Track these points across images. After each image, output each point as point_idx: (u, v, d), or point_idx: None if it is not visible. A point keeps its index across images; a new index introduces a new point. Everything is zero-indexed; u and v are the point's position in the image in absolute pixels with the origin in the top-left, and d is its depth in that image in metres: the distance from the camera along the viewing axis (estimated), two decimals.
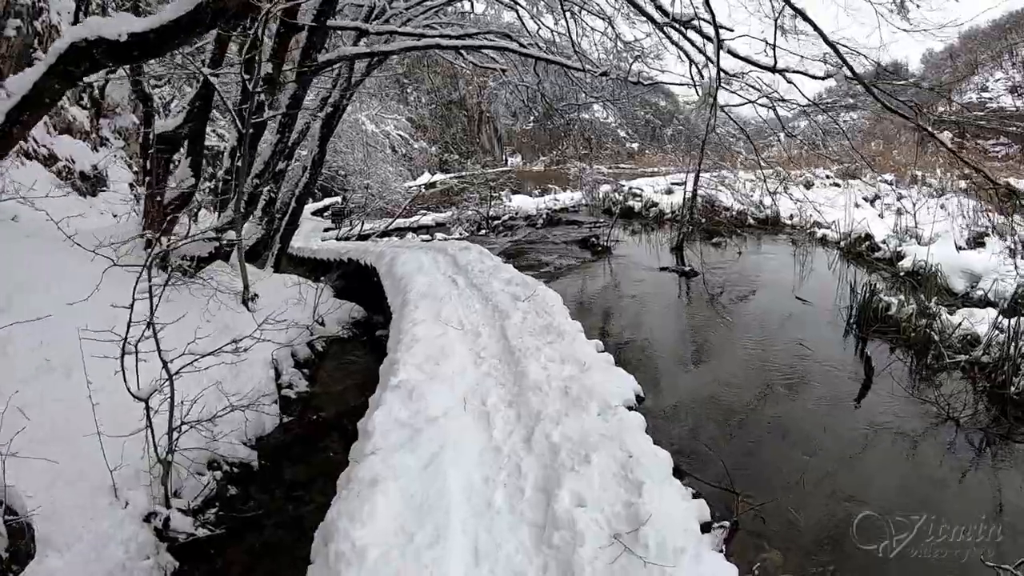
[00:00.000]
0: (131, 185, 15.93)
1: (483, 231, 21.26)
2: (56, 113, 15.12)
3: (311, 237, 21.80)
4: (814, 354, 7.47)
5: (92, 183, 15.20)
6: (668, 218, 17.30)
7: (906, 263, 11.07)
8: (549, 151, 77.38)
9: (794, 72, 7.22)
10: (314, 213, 30.38)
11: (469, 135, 63.07)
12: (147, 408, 4.67)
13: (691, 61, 8.62)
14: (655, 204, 17.98)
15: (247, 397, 6.75)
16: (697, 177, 13.19)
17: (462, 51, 10.92)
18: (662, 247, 13.78)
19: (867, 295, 8.45)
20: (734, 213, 16.00)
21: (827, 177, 24.18)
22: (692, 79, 8.65)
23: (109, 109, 16.99)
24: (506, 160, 67.83)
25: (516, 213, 21.24)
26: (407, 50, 9.19)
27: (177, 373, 4.83)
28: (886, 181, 20.86)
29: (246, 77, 6.95)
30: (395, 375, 4.67)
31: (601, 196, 20.56)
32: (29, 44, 14.64)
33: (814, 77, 7.27)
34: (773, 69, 6.95)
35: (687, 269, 11.20)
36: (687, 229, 13.11)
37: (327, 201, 31.19)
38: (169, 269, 8.17)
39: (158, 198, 8.02)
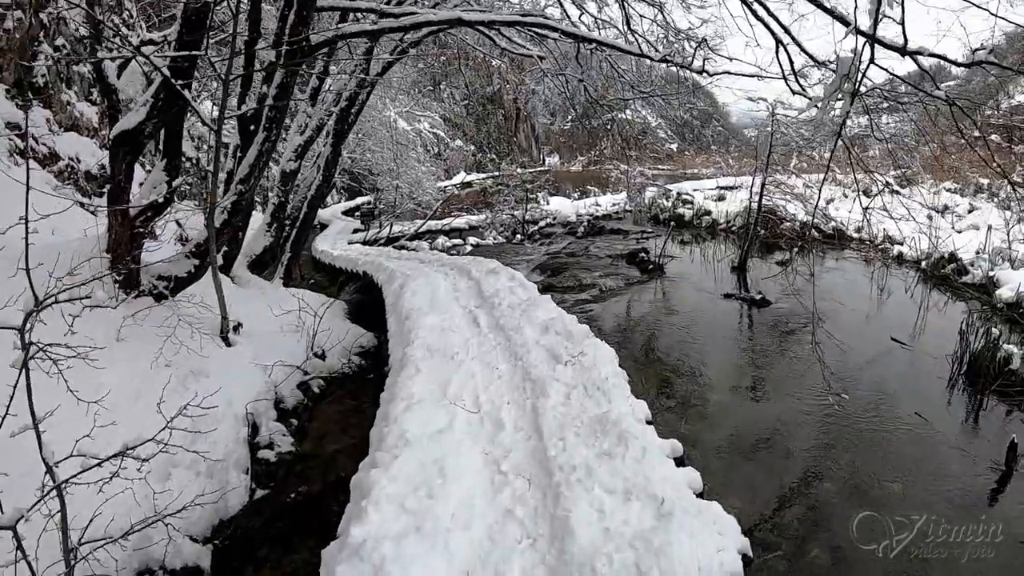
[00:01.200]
0: (140, 184, 14.64)
1: (518, 237, 19.52)
2: (61, 109, 13.86)
3: (339, 239, 20.36)
4: (928, 427, 5.63)
5: (100, 183, 13.93)
6: (722, 228, 15.34)
7: (1005, 292, 9.11)
8: (587, 151, 75.66)
9: (930, 55, 5.32)
10: (345, 212, 29.02)
11: (506, 134, 61.42)
12: (16, 537, 3.10)
13: (778, 42, 6.76)
14: (707, 212, 16.01)
15: (204, 473, 5.16)
16: (763, 186, 11.23)
17: (492, 31, 9.21)
18: (720, 265, 11.87)
19: (982, 342, 6.57)
20: (796, 225, 14.01)
21: (886, 185, 21.89)
22: (781, 68, 6.80)
23: (123, 104, 15.67)
24: (543, 160, 66.16)
25: (554, 219, 19.41)
26: (422, 26, 7.51)
27: (66, 483, 3.26)
28: (949, 190, 18.75)
29: (214, 60, 5.33)
30: (359, 520, 2.96)
31: (647, 201, 18.59)
32: (35, 36, 13.48)
33: (954, 63, 5.36)
34: (904, 51, 5.07)
35: (756, 297, 9.30)
36: (749, 246, 11.19)
37: (359, 200, 29.79)
38: (134, 295, 6.71)
39: (123, 210, 6.46)
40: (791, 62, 6.85)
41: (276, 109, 6.64)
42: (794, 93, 6.47)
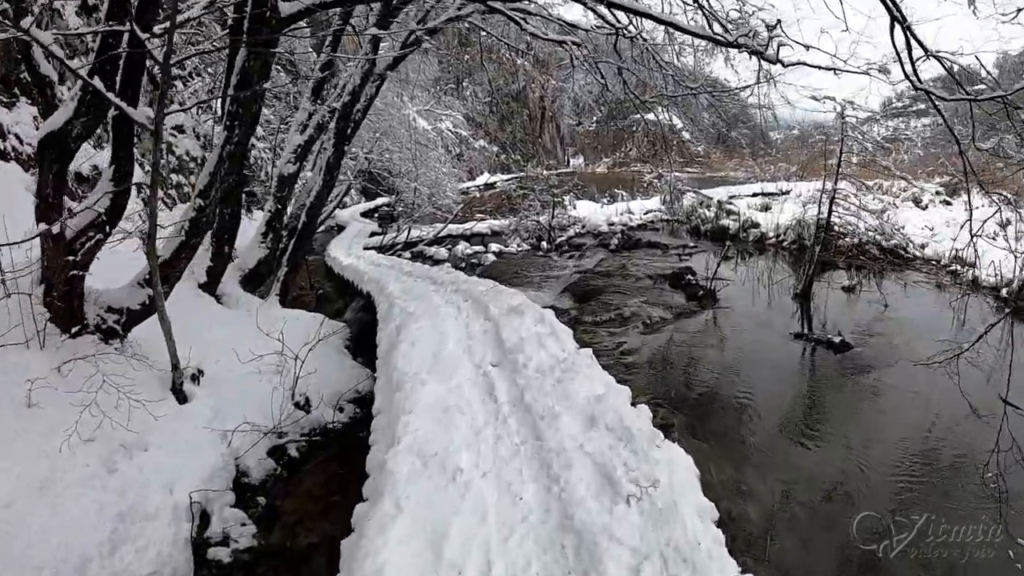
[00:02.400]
0: (138, 187, 13.34)
1: (544, 245, 17.91)
2: (52, 106, 12.54)
3: (354, 243, 18.94)
4: None
5: (94, 185, 12.65)
6: (772, 243, 13.60)
7: None
8: (612, 152, 74.00)
9: None
10: (364, 214, 27.63)
11: (531, 135, 59.81)
12: None
13: (894, 19, 5.12)
14: (754, 224, 14.26)
15: None
16: (832, 200, 9.48)
17: (521, 14, 7.64)
18: (778, 289, 10.13)
19: None
20: (855, 241, 12.26)
21: (936, 193, 19.97)
22: (897, 54, 5.18)
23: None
24: (568, 161, 64.60)
25: (583, 227, 17.76)
26: None
27: None
28: (1006, 199, 16.81)
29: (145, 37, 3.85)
30: None
31: (685, 209, 16.82)
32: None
33: None
34: None
35: (835, 340, 7.44)
36: (814, 269, 9.44)
37: (378, 201, 28.32)
38: (75, 331, 5.29)
39: (58, 230, 5.03)
40: (909, 48, 5.20)
41: (239, 103, 5.14)
42: (916, 88, 4.82)
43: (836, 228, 11.56)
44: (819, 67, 7.77)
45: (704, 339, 7.59)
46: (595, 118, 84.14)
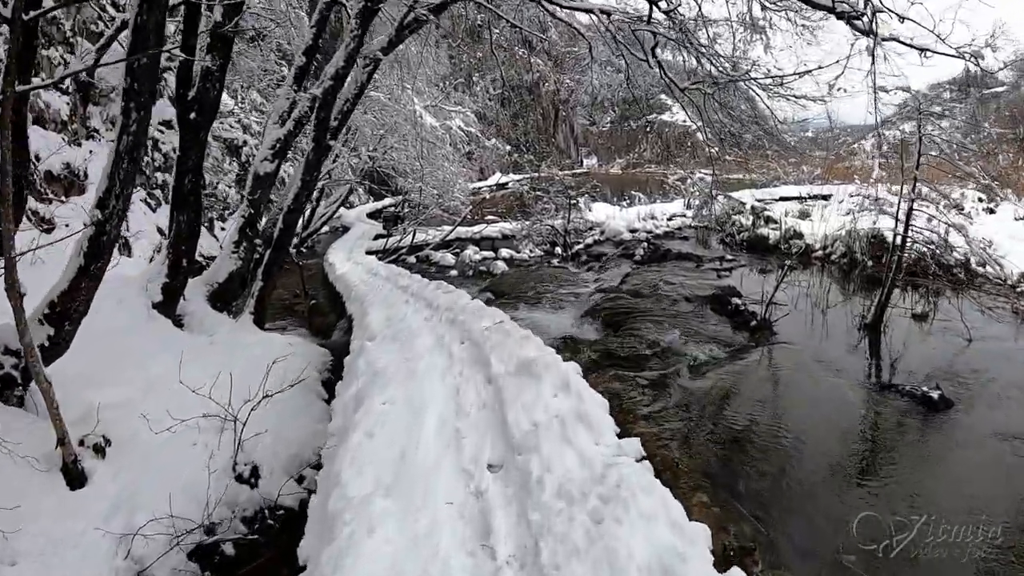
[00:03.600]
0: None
1: (558, 251, 16.31)
2: (21, 98, 11.04)
3: (356, 247, 17.48)
4: None
5: (65, 185, 11.24)
6: (818, 257, 11.91)
7: None
8: (626, 153, 72.51)
9: None
10: (371, 215, 26.17)
11: (544, 134, 58.19)
12: None
13: None
14: (798, 235, 12.56)
15: None
16: (911, 210, 7.78)
17: None
18: (840, 316, 8.37)
19: None
20: (913, 256, 10.58)
21: (979, 200, 18.16)
22: None
23: (102, 94, 13.01)
24: (581, 162, 63.02)
25: (602, 233, 16.13)
26: None
27: None
28: None
29: None
30: None
31: (716, 215, 15.09)
32: None
33: None
34: None
35: (932, 395, 5.63)
36: (888, 295, 7.72)
37: (385, 201, 26.81)
38: None
39: None
40: None
41: (133, 74, 3.60)
42: None
43: (914, 244, 9.94)
44: (911, 45, 6.25)
45: (769, 394, 5.80)
46: (609, 118, 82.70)
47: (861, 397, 5.72)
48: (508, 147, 47.19)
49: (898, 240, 7.75)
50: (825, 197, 20.73)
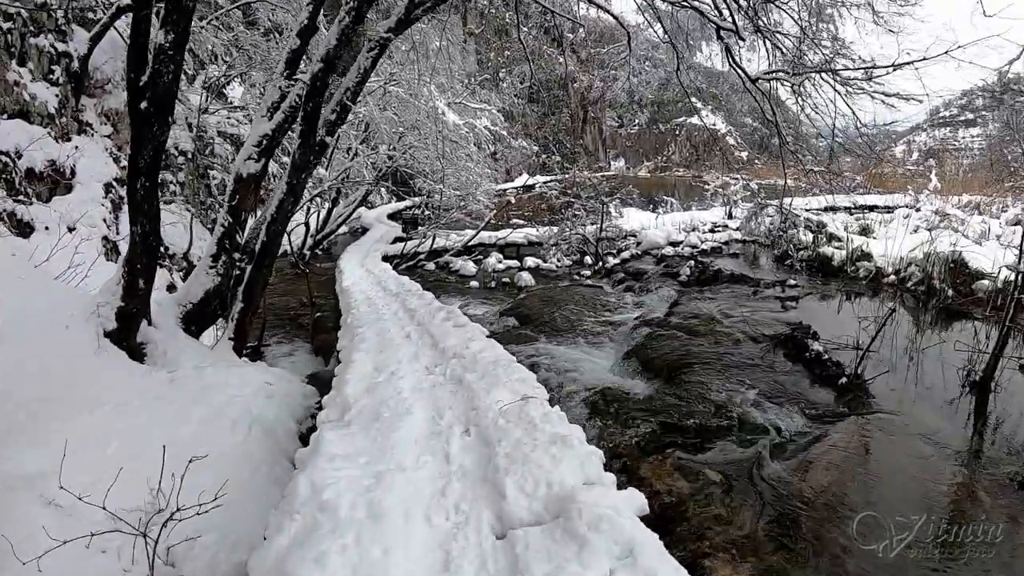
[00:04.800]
0: (109, 186, 10.63)
1: (589, 264, 14.73)
2: (6, 91, 9.89)
3: (372, 251, 16.04)
4: None
5: (50, 184, 9.95)
6: (890, 283, 10.14)
7: None
8: (654, 156, 70.69)
9: None
10: (391, 216, 24.75)
11: (572, 135, 56.49)
12: None
13: None
14: (865, 255, 10.76)
15: None
16: None
17: None
18: (933, 363, 6.65)
19: None
20: (996, 284, 8.88)
21: None
22: None
23: (96, 86, 11.74)
24: (609, 164, 61.21)
25: (637, 245, 14.46)
26: None
27: None
28: None
29: None
30: None
31: (765, 228, 13.27)
32: None
33: None
34: None
35: None
36: (1002, 347, 6.00)
37: (408, 202, 25.32)
38: None
39: None
40: None
41: None
42: None
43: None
44: None
45: (884, 496, 4.14)
46: (637, 120, 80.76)
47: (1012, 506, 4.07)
48: (536, 147, 45.51)
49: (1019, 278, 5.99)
50: (871, 208, 18.87)
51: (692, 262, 10.86)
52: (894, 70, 7.06)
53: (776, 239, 12.23)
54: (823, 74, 7.55)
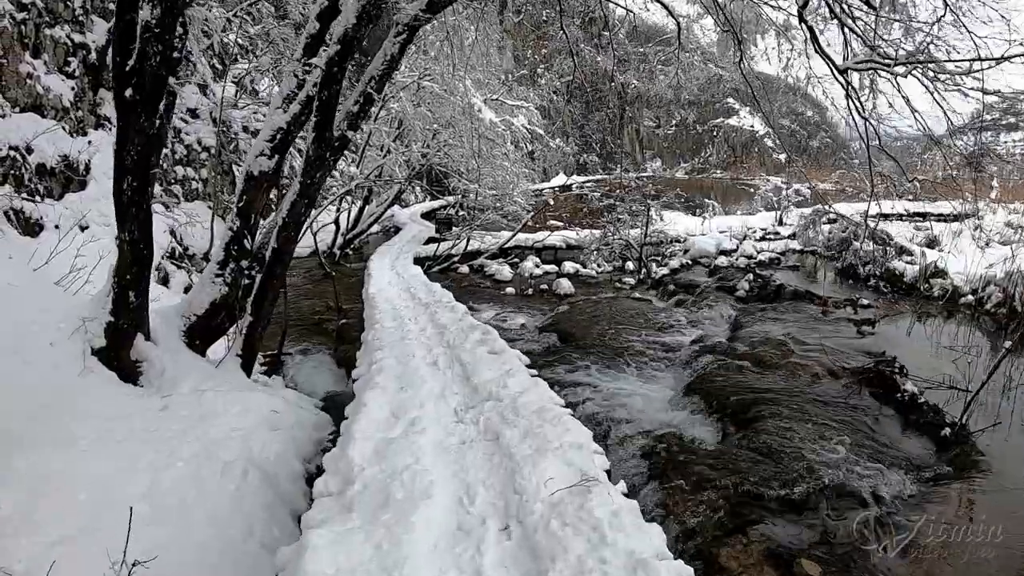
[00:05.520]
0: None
1: (633, 273, 13.68)
2: (18, 83, 9.33)
3: (402, 254, 15.22)
4: None
5: (61, 181, 9.32)
6: (967, 303, 8.88)
7: None
8: (691, 157, 69.31)
9: None
10: (425, 215, 23.97)
11: (612, 135, 55.29)
12: None
13: None
14: (939, 272, 9.48)
15: None
16: None
17: None
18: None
19: None
20: None
21: None
22: None
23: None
24: (645, 165, 59.83)
25: (685, 253, 13.32)
26: None
27: None
28: None
29: None
30: None
31: (824, 237, 11.93)
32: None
33: None
34: None
35: None
36: None
37: (441, 201, 24.47)
38: None
39: None
40: None
41: None
42: None
43: None
44: None
45: None
46: (674, 121, 79.04)
47: None
48: (575, 147, 44.35)
49: None
50: (921, 215, 17.42)
51: (751, 275, 9.71)
52: (994, 64, 5.90)
53: (839, 251, 10.96)
54: (917, 68, 6.44)
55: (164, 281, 10.02)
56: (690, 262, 12.05)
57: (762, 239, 14.17)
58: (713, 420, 5.09)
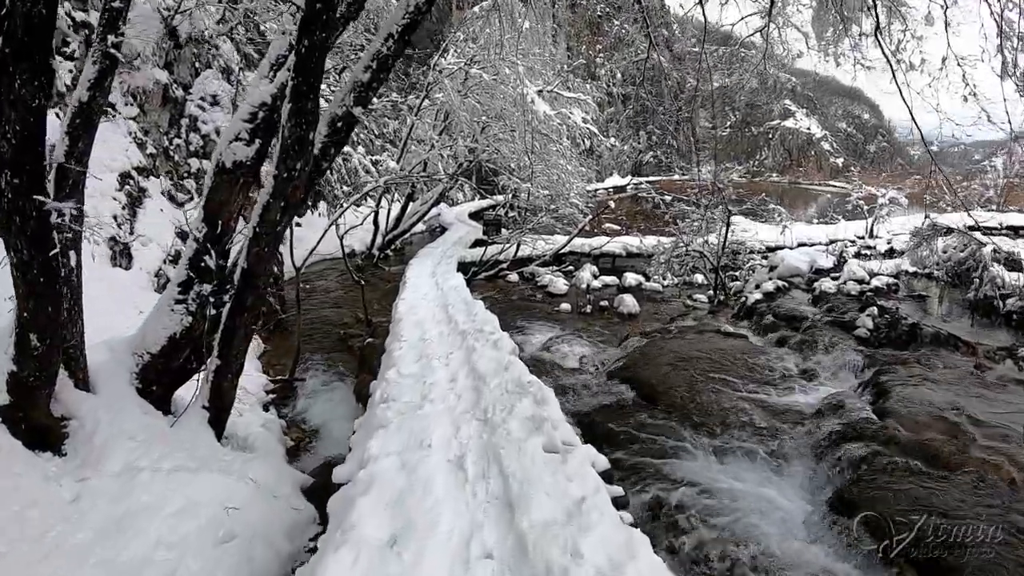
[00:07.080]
0: (126, 176, 8.57)
1: (704, 287, 11.66)
2: None
3: (445, 259, 13.53)
4: None
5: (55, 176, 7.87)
6: None
7: None
8: (746, 160, 66.75)
9: None
10: (473, 215, 22.24)
11: (673, 135, 52.72)
12: None
13: None
14: None
15: None
16: None
17: None
18: None
19: None
20: None
21: None
22: None
23: (123, 62, 9.70)
24: (701, 168, 56.95)
25: (771, 270, 11.12)
26: None
27: None
28: None
29: None
30: None
31: (941, 259, 9.49)
32: None
33: None
34: None
35: None
36: None
37: (490, 201, 22.60)
38: None
39: None
40: None
41: None
42: None
43: None
44: None
45: None
46: (728, 123, 75.77)
47: None
48: (638, 145, 41.97)
49: None
50: (1016, 229, 14.75)
51: (873, 309, 7.43)
52: None
53: (967, 276, 8.55)
54: None
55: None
56: (786, 284, 9.77)
57: (857, 255, 11.84)
58: (881, 563, 3.19)
